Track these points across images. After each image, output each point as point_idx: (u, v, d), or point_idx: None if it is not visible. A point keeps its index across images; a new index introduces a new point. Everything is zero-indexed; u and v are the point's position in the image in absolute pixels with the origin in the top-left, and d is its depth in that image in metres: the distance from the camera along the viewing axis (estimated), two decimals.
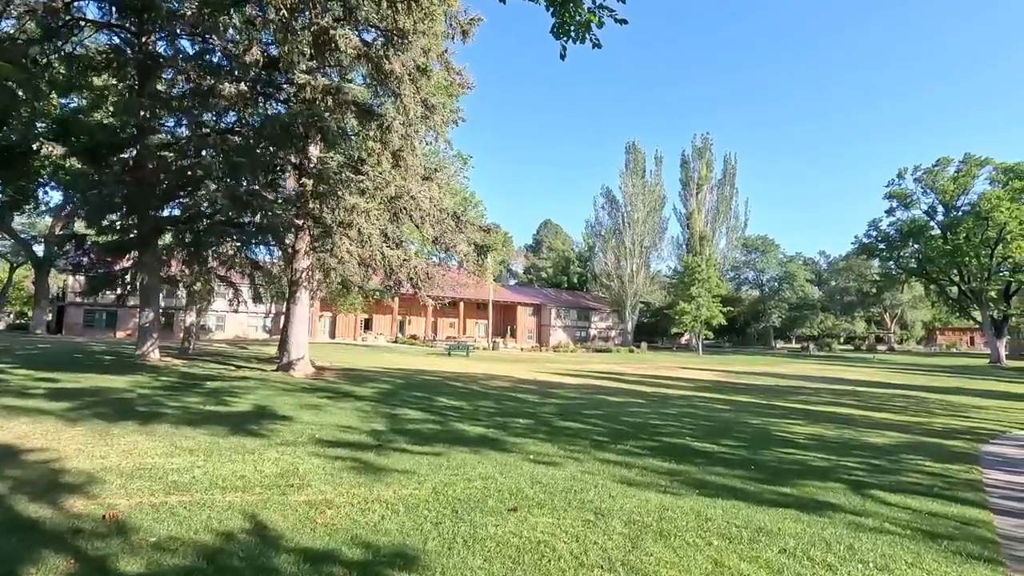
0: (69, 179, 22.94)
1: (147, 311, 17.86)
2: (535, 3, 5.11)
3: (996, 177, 48.42)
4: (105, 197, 13.75)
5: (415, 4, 13.63)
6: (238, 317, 44.69)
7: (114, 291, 21.08)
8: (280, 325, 22.83)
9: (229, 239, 15.31)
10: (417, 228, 15.06)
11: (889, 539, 4.52)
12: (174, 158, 13.54)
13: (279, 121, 12.37)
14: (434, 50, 14.11)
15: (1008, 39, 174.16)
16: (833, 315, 78.58)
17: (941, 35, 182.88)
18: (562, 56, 5.70)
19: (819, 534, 4.52)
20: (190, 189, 13.10)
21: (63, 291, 43.11)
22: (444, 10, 14.97)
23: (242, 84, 12.81)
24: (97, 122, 20.96)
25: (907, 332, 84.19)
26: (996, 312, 48.78)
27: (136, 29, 16.90)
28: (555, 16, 5.53)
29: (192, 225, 14.41)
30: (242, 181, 12.99)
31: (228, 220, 14.26)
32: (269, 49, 15.45)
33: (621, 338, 63.65)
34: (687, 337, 64.22)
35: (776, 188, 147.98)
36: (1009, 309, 49.43)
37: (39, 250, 37.75)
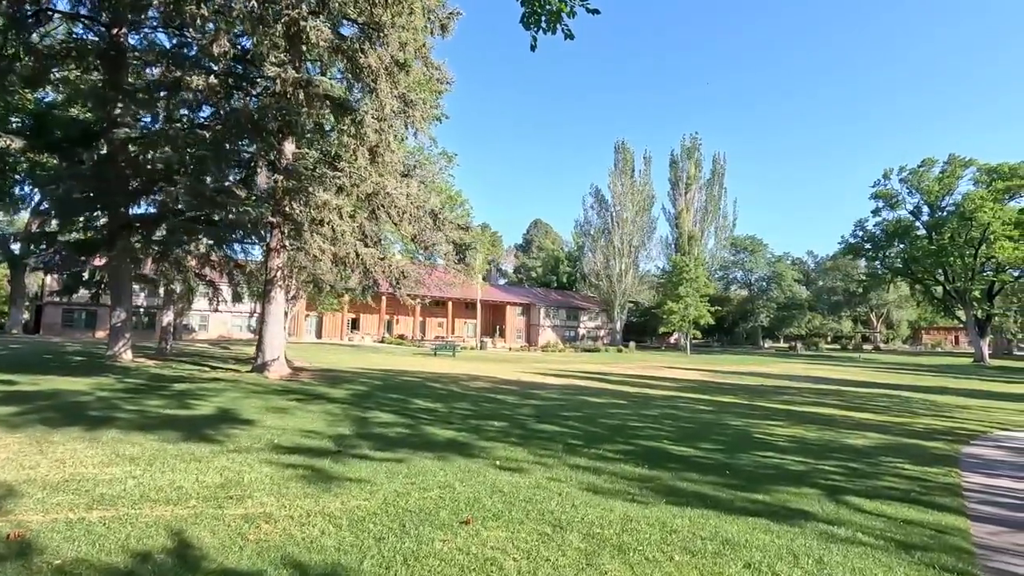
0: (42, 176, 22.35)
1: (119, 310, 17.37)
2: None
3: (980, 178, 48.88)
4: (72, 193, 13.26)
5: None
6: (222, 317, 43.97)
7: (89, 290, 20.60)
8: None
9: (199, 237, 14.85)
10: (396, 226, 14.73)
11: (861, 551, 4.29)
12: (138, 152, 13.07)
13: (244, 114, 11.96)
14: (412, 44, 13.78)
15: (993, 43, 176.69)
16: (820, 315, 79.12)
17: (926, 39, 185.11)
18: (532, 47, 5.42)
19: (788, 546, 4.29)
20: (162, 185, 12.64)
21: (42, 290, 42.22)
22: (423, 4, 14.65)
23: (212, 77, 12.40)
24: (70, 117, 20.42)
25: (893, 331, 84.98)
26: (980, 311, 49.23)
27: (108, 21, 16.43)
28: (524, 5, 5.26)
29: (160, 223, 13.94)
30: (208, 177, 12.57)
31: (198, 218, 13.83)
32: (243, 42, 15.08)
33: (610, 338, 63.60)
34: (676, 337, 64.27)
35: (764, 190, 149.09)
36: (992, 308, 49.93)
37: (17, 248, 36.89)
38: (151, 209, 18.15)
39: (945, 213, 50.21)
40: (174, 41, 17.51)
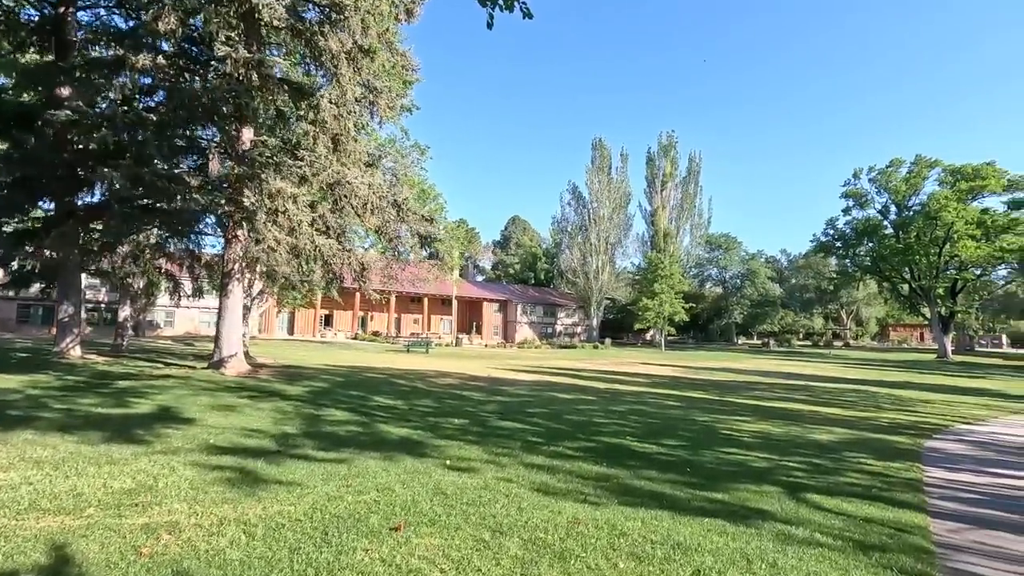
0: None
1: (66, 304, 16.46)
2: None
3: (944, 178, 50.09)
4: (4, 177, 12.40)
5: None
6: (189, 313, 42.62)
7: (40, 283, 19.56)
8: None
9: (148, 227, 14.07)
10: (359, 217, 14.20)
11: (817, 552, 4.05)
12: (76, 134, 12.25)
13: (192, 95, 11.29)
14: (374, 28, 13.24)
15: (960, 44, 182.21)
16: (793, 312, 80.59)
17: (896, 44, 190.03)
18: (489, 25, 5.04)
19: (742, 549, 4.02)
20: (96, 168, 11.86)
21: None
22: None
23: (160, 57, 11.69)
24: (17, 100, 19.31)
25: (862, 328, 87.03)
26: (943, 308, 50.55)
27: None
28: None
29: (104, 211, 13.15)
30: (157, 162, 11.87)
31: (144, 206, 13.08)
32: (196, 22, 14.34)
33: (587, 334, 63.70)
34: (651, 333, 64.68)
35: (739, 188, 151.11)
36: (955, 306, 51.31)
37: None
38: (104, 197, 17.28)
39: (912, 212, 51.40)
40: (131, 24, 16.66)
